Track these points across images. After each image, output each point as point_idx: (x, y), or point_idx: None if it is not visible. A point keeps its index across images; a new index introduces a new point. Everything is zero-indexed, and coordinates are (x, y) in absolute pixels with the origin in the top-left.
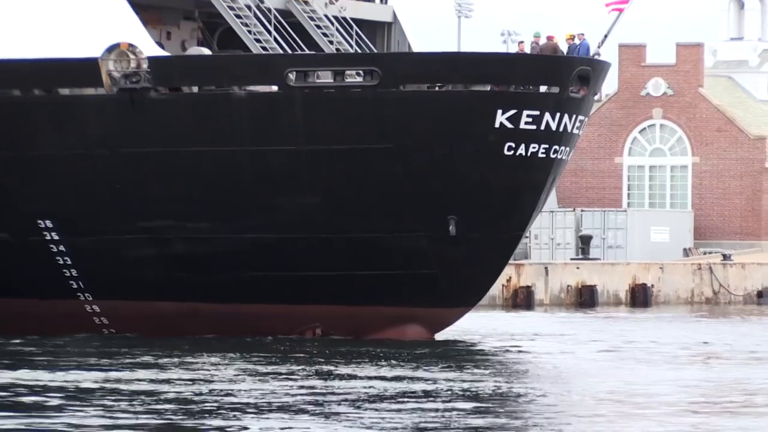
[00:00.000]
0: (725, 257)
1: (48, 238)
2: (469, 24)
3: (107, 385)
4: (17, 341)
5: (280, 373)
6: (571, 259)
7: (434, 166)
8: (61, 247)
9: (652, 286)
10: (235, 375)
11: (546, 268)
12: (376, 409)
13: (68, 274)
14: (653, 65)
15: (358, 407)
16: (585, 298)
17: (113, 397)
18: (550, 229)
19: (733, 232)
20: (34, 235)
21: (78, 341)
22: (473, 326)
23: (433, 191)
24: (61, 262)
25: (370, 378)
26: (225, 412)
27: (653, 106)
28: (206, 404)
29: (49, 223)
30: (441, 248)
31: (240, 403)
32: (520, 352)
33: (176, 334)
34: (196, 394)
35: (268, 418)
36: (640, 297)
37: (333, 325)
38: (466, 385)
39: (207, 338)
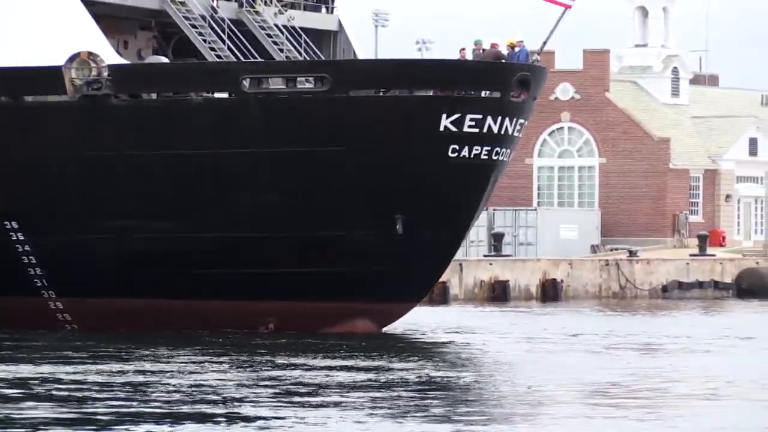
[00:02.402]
0: (631, 253)
1: (14, 238)
2: (385, 33)
3: (79, 378)
4: None
5: (245, 365)
6: (485, 255)
7: (382, 167)
8: (26, 247)
9: (562, 281)
10: (200, 367)
11: (460, 264)
12: (366, 398)
13: (32, 273)
14: (561, 71)
15: (331, 395)
16: (498, 293)
17: (92, 390)
18: None
19: (639, 229)
20: (0, 235)
21: (43, 337)
22: (410, 320)
23: (381, 191)
24: (26, 261)
25: (339, 369)
26: (203, 402)
27: (562, 109)
28: (176, 394)
29: (14, 224)
30: (388, 245)
31: (220, 394)
32: (461, 343)
33: (136, 330)
34: (163, 385)
35: (244, 407)
36: (550, 292)
37: (286, 320)
38: (429, 375)
39: (164, 333)
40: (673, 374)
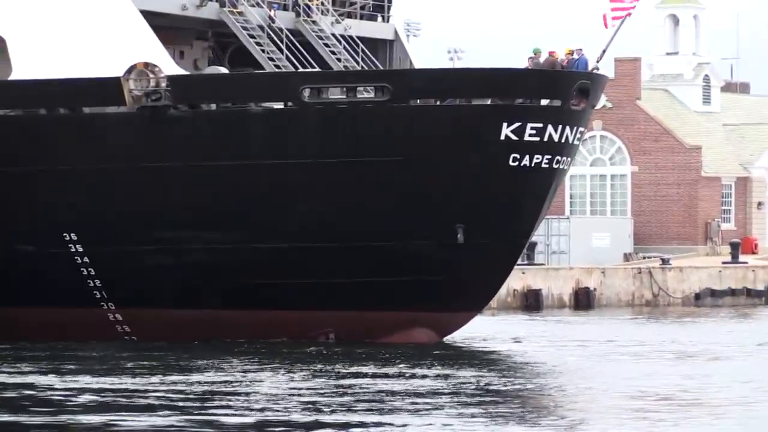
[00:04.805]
0: (664, 261)
1: (72, 249)
2: (417, 42)
3: (151, 388)
4: (44, 348)
5: (315, 374)
6: (517, 264)
7: (443, 177)
8: (85, 259)
9: (595, 289)
10: (270, 376)
11: None
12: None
13: (92, 284)
14: None
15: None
16: (531, 302)
17: (162, 400)
18: None
19: (671, 237)
20: (59, 247)
21: (104, 348)
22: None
23: (441, 201)
24: (85, 272)
25: (413, 377)
26: (290, 410)
27: (593, 118)
28: (257, 404)
29: (73, 236)
30: (449, 255)
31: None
32: (521, 351)
33: (194, 340)
34: (239, 395)
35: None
36: (583, 300)
37: (345, 329)
38: (500, 382)
39: (224, 343)
40: (724, 380)
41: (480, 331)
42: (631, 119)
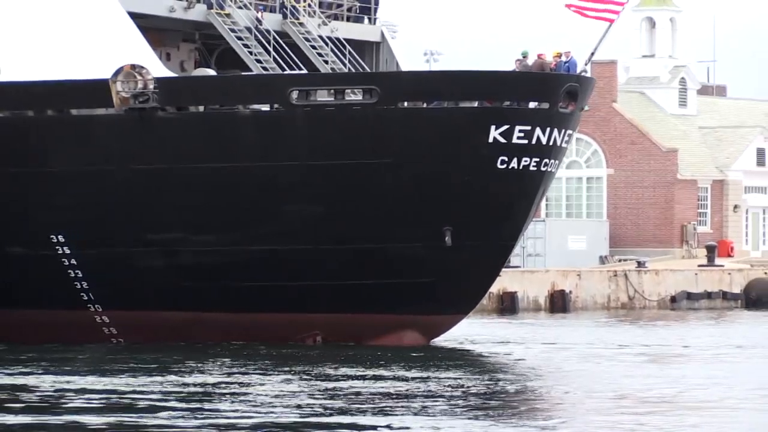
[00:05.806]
0: (640, 264)
1: (60, 251)
2: (392, 45)
3: (139, 389)
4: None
5: (303, 376)
6: None
7: (431, 179)
8: (73, 261)
9: (570, 292)
10: (259, 379)
11: None
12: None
13: (79, 286)
14: None
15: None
16: (506, 304)
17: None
18: None
19: (647, 240)
20: (46, 248)
21: (91, 350)
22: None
23: (429, 203)
24: (72, 274)
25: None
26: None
27: None
28: (248, 406)
29: (61, 237)
30: (437, 257)
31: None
32: (515, 354)
33: (182, 343)
34: (230, 396)
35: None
36: (559, 302)
37: (333, 332)
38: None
39: (212, 346)
40: (702, 381)
41: (462, 333)
42: (607, 122)
